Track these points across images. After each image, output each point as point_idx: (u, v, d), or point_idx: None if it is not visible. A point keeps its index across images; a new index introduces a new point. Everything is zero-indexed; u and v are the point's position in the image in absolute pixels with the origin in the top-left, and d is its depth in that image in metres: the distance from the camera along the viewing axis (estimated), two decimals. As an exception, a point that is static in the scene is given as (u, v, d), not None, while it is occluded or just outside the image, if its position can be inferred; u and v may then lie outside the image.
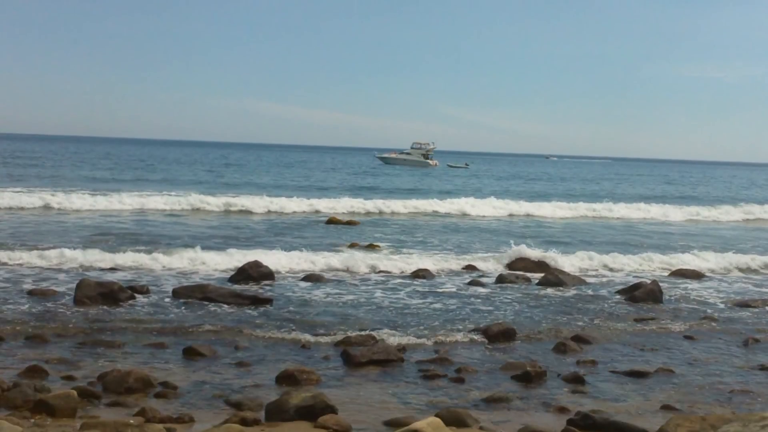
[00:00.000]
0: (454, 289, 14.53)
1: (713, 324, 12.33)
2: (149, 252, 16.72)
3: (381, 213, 30.71)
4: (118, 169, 59.35)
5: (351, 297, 13.44)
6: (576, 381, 8.86)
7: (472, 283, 15.20)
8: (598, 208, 34.83)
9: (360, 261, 16.58)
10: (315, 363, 9.26)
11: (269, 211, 29.28)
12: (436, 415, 6.99)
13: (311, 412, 7.11)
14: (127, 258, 15.97)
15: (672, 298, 14.45)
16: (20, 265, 15.15)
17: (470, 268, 17.00)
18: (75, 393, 7.29)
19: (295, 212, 29.47)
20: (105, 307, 11.80)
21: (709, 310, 13.40)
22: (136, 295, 12.66)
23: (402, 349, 9.94)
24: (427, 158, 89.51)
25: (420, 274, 15.80)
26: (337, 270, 16.16)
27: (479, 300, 13.61)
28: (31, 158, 69.64)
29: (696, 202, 44.58)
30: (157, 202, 29.48)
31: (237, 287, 13.77)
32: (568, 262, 17.72)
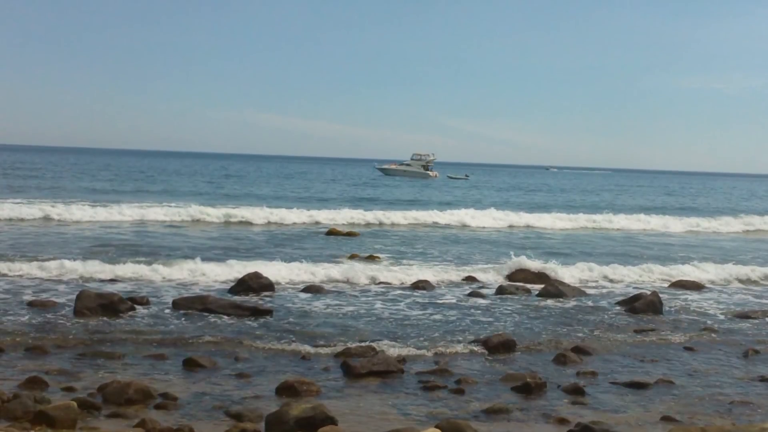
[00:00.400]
0: (454, 301, 14.53)
1: (713, 335, 12.33)
2: (149, 263, 16.74)
3: (381, 224, 30.75)
4: (118, 180, 59.50)
5: (351, 308, 13.44)
6: (576, 392, 8.86)
7: (472, 294, 15.21)
8: (598, 220, 34.86)
9: (360, 272, 16.58)
10: (315, 374, 9.26)
11: (269, 223, 29.32)
12: (436, 427, 7.01)
13: (311, 423, 7.11)
14: (127, 269, 15.98)
15: (672, 309, 14.45)
16: (20, 276, 15.17)
17: (470, 279, 17.01)
18: (75, 404, 7.29)
19: (295, 223, 29.51)
20: (105, 318, 11.81)
21: (709, 321, 13.40)
22: (136, 306, 12.66)
23: (402, 360, 9.94)
24: (427, 169, 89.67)
25: (420, 285, 15.80)
26: (337, 281, 16.17)
27: (479, 311, 13.61)
28: (31, 169, 69.81)
29: (696, 213, 44.65)
30: (157, 213, 29.51)
31: (237, 298, 13.78)
32: (568, 274, 17.74)
